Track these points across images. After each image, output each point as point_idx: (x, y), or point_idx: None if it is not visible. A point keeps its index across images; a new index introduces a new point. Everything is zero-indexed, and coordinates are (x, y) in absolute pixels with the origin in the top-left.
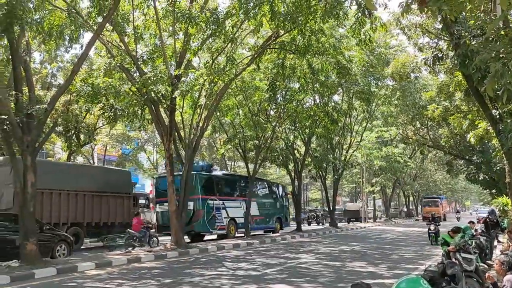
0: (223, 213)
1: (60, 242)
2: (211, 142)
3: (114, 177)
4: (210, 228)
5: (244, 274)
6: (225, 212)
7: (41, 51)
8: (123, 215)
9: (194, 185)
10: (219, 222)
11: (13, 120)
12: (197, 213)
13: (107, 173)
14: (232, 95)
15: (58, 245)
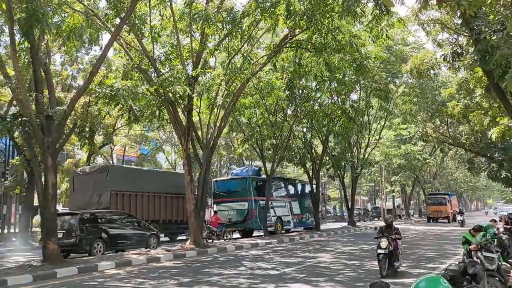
0: (271, 212)
1: (152, 236)
2: (229, 142)
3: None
4: (261, 225)
5: (263, 274)
6: (273, 211)
7: (61, 53)
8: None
9: (247, 188)
10: (269, 220)
11: (34, 122)
12: (251, 212)
13: (175, 177)
14: (249, 94)
15: (150, 238)
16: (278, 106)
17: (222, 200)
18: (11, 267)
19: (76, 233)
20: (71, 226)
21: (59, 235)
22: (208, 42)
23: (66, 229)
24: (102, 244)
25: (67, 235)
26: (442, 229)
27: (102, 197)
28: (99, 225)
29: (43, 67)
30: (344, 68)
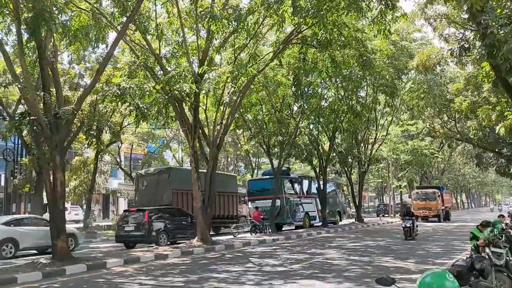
0: (300, 208)
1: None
2: (235, 139)
3: (229, 180)
4: (292, 220)
5: (271, 270)
6: (301, 207)
7: (69, 51)
8: (234, 209)
9: (280, 186)
10: (298, 216)
11: (42, 120)
12: (284, 208)
13: (221, 177)
14: (255, 91)
15: None
16: (284, 103)
17: (256, 197)
18: (21, 265)
19: (144, 226)
20: (140, 221)
21: (131, 228)
22: (214, 39)
23: (136, 224)
24: (165, 235)
25: (136, 228)
26: (451, 225)
27: (165, 195)
28: (162, 219)
29: (51, 66)
30: (350, 63)
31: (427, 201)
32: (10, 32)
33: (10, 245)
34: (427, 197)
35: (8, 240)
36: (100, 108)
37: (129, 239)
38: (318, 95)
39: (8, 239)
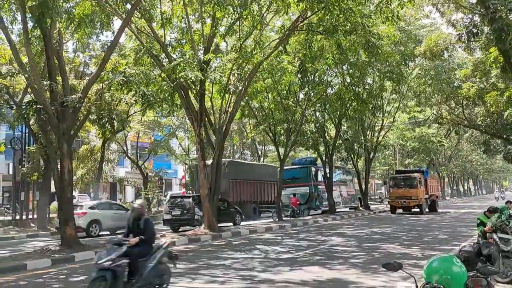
0: (326, 195)
1: (237, 213)
2: (241, 127)
3: (270, 170)
4: (320, 206)
5: (277, 257)
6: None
7: (74, 40)
8: (272, 195)
9: (308, 175)
10: (325, 202)
11: (49, 109)
12: (312, 195)
13: (266, 168)
14: (261, 79)
15: (236, 215)
16: (290, 91)
17: (287, 185)
18: (31, 252)
19: (190, 211)
20: (185, 205)
21: (177, 212)
22: (219, 26)
23: (182, 208)
24: None
25: (183, 212)
26: (458, 211)
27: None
28: None
29: (56, 55)
30: (356, 50)
31: (407, 188)
32: (15, 20)
33: (96, 226)
34: (406, 183)
35: (94, 221)
36: (106, 97)
37: (175, 222)
38: (324, 83)
39: (94, 221)
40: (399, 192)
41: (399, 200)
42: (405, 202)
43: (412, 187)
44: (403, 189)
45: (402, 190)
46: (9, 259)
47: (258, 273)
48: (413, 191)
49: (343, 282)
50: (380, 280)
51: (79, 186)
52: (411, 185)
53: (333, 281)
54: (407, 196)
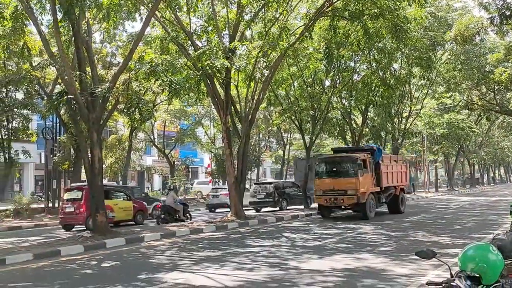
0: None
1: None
2: (267, 115)
3: None
4: None
5: (304, 245)
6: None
7: (101, 30)
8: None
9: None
10: None
11: (79, 99)
12: None
13: None
14: (286, 66)
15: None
16: (316, 78)
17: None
18: (64, 238)
19: (272, 195)
20: (269, 190)
21: (261, 196)
22: (244, 13)
23: (266, 193)
24: (285, 202)
25: (266, 196)
26: (489, 199)
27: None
28: (284, 190)
29: (85, 45)
30: (383, 35)
31: (339, 177)
32: (44, 11)
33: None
34: (339, 169)
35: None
36: (134, 86)
37: (260, 205)
38: (350, 69)
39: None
40: (327, 183)
41: (326, 196)
42: (335, 199)
43: (348, 175)
44: (333, 178)
45: (331, 179)
46: (44, 245)
47: (286, 261)
48: (349, 182)
49: (373, 270)
50: (410, 268)
51: (108, 175)
52: (346, 172)
53: (362, 269)
54: (338, 190)
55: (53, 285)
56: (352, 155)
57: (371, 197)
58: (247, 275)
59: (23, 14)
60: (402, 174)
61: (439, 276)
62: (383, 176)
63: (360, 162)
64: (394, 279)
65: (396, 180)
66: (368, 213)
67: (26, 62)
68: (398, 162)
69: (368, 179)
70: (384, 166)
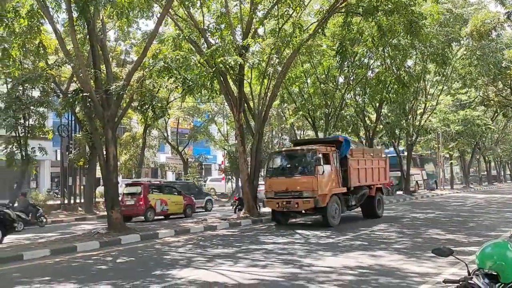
0: (412, 178)
1: None
2: (280, 112)
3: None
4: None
5: (318, 242)
6: (413, 178)
7: (115, 28)
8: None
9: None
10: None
11: (94, 97)
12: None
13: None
14: (299, 63)
15: None
16: (329, 75)
17: None
18: (80, 235)
19: None
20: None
21: None
22: (257, 10)
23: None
24: None
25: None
26: (505, 196)
27: None
28: None
29: (100, 43)
30: (398, 31)
31: (294, 175)
32: (60, 9)
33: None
34: (294, 165)
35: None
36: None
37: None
38: (364, 65)
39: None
40: (279, 183)
41: (278, 199)
42: (288, 202)
43: (303, 173)
44: (287, 176)
45: (284, 179)
46: (60, 241)
47: (299, 258)
48: (305, 181)
49: (387, 269)
50: (426, 266)
51: (123, 172)
52: (301, 170)
53: (377, 268)
54: (292, 191)
55: (70, 280)
56: (308, 147)
57: (334, 200)
58: (261, 272)
59: (38, 13)
60: (380, 171)
61: (455, 274)
62: (352, 173)
63: (318, 157)
64: (410, 277)
65: (371, 178)
66: (331, 219)
67: (42, 61)
68: (374, 157)
69: (330, 177)
70: (354, 161)
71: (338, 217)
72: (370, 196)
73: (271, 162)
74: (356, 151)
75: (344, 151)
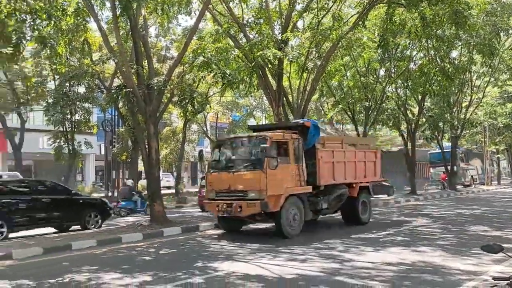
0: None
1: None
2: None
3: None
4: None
5: (358, 236)
6: (468, 172)
7: (156, 25)
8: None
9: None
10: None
11: (137, 92)
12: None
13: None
14: (339, 56)
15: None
16: (370, 67)
17: (436, 165)
18: (124, 227)
19: None
20: None
21: None
22: (296, 4)
23: None
24: None
25: None
26: None
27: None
28: None
29: (142, 40)
30: (442, 22)
31: (239, 170)
32: (104, 7)
33: None
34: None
35: None
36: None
37: None
38: (406, 58)
39: None
40: (222, 179)
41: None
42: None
43: (248, 168)
44: (229, 172)
45: (227, 174)
46: (106, 232)
47: (339, 253)
48: (250, 178)
49: (430, 265)
50: (470, 263)
51: (163, 165)
52: (248, 163)
53: (419, 264)
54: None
55: (116, 270)
56: (257, 135)
57: (293, 203)
58: (300, 266)
59: (84, 11)
60: (368, 165)
61: (502, 272)
62: (322, 168)
63: (269, 146)
64: (454, 274)
65: (353, 174)
66: (286, 228)
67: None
68: (358, 148)
69: (288, 173)
70: (326, 152)
71: (299, 225)
72: (351, 197)
73: (214, 153)
74: (330, 140)
75: (311, 139)
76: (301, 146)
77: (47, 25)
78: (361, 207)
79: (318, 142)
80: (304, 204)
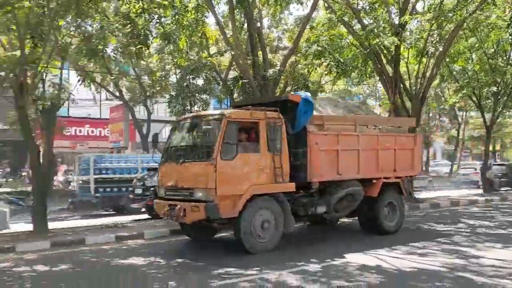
0: None
1: None
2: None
3: None
4: None
5: (486, 232)
6: None
7: (268, 16)
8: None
9: None
10: None
11: (253, 83)
12: None
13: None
14: (464, 38)
15: None
16: (499, 49)
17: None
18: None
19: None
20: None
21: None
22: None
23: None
24: None
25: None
26: None
27: None
28: None
29: (257, 31)
30: None
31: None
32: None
33: None
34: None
35: None
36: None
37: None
38: None
39: None
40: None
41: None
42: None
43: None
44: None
45: (175, 166)
46: None
47: (463, 248)
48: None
49: None
50: None
51: None
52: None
53: None
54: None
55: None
56: (210, 113)
57: (262, 206)
58: (420, 260)
59: (203, 6)
60: (398, 154)
61: None
62: (314, 158)
63: (223, 128)
64: None
65: (371, 167)
66: (250, 239)
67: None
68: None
69: (253, 165)
70: (323, 137)
71: (274, 236)
72: (370, 197)
73: (169, 138)
74: (335, 120)
75: (301, 119)
76: (281, 129)
77: (171, 22)
78: (386, 210)
79: (311, 123)
80: (284, 207)
